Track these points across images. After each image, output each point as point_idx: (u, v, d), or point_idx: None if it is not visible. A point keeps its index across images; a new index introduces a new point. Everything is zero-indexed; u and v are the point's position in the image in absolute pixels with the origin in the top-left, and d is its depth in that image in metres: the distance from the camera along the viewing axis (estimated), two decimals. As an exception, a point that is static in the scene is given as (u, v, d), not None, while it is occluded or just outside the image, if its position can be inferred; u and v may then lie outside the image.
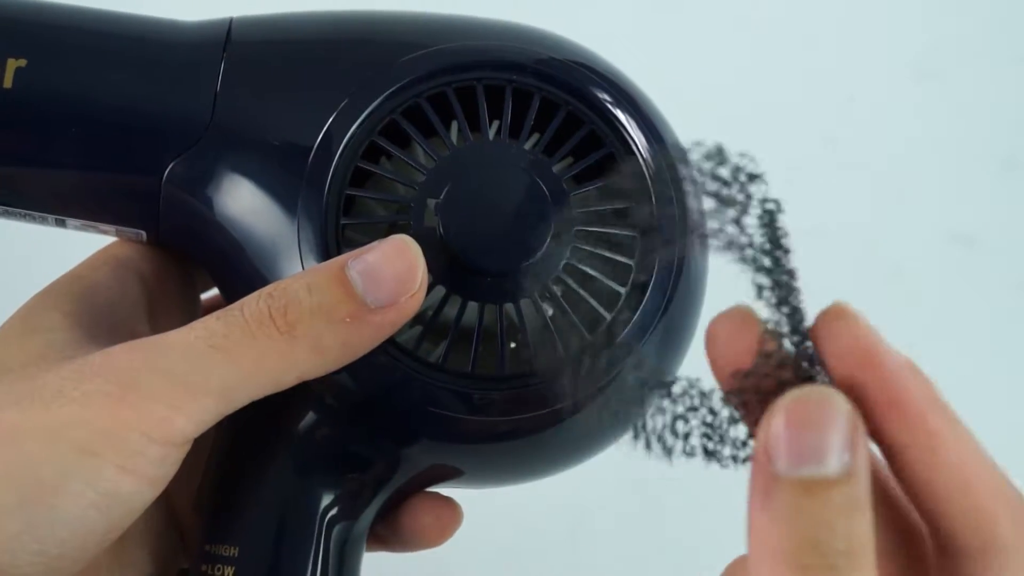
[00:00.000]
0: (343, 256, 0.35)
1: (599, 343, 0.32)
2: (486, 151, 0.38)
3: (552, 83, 0.39)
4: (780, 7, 0.77)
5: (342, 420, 0.39)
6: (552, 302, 0.38)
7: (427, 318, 0.37)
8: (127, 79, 0.38)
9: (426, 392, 0.37)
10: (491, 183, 0.37)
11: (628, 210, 0.38)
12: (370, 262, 0.34)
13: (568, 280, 0.37)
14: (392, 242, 0.35)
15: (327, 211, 0.37)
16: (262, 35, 0.40)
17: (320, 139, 0.38)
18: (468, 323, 0.37)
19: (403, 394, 0.37)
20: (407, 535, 0.43)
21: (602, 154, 0.39)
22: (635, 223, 0.38)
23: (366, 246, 0.35)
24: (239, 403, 0.34)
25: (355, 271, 0.34)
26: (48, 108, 0.38)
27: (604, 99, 0.39)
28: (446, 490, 0.43)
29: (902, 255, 0.72)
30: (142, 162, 0.39)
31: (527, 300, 0.37)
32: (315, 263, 0.36)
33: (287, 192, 0.37)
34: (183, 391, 0.33)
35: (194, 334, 0.34)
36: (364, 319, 0.34)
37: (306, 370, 0.34)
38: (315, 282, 0.34)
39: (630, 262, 0.38)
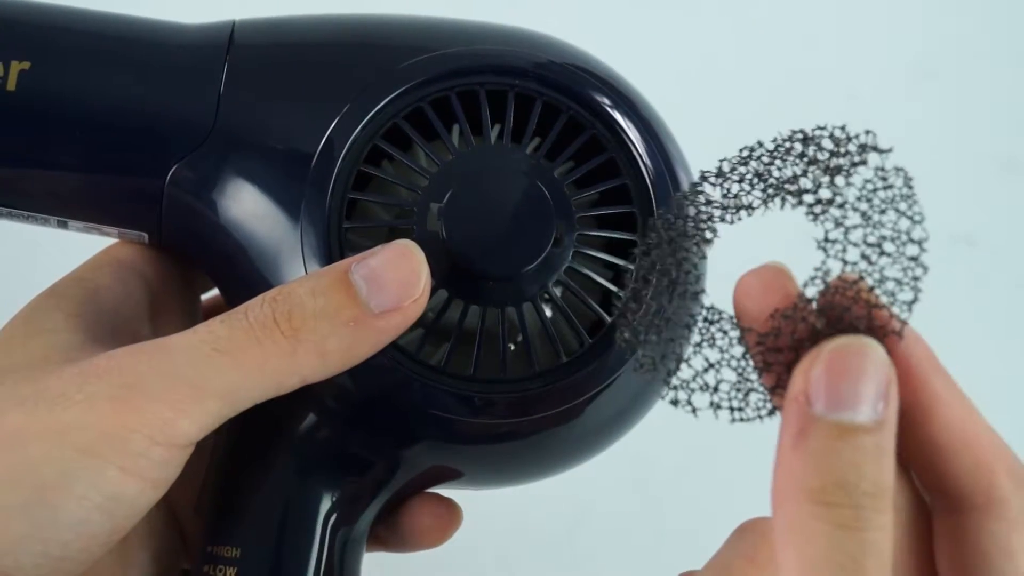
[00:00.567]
0: (346, 260, 0.35)
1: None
2: (488, 156, 0.38)
3: (554, 87, 0.39)
4: (780, 7, 0.77)
5: (343, 422, 0.39)
6: (553, 305, 0.38)
7: (429, 321, 0.38)
8: (130, 82, 0.38)
9: (427, 394, 0.37)
10: (493, 187, 0.37)
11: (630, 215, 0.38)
12: (373, 266, 0.34)
13: (570, 283, 0.37)
14: (395, 246, 0.35)
15: (330, 215, 0.37)
16: (265, 38, 0.40)
17: (323, 143, 0.38)
18: (470, 326, 0.37)
19: (404, 396, 0.37)
20: (407, 536, 0.43)
21: (603, 159, 0.39)
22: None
23: (369, 250, 0.35)
24: (242, 406, 0.34)
25: (358, 275, 0.34)
26: (51, 111, 0.38)
27: (604, 103, 0.39)
28: (446, 491, 0.44)
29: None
30: (145, 165, 0.39)
31: (528, 304, 0.37)
32: (318, 267, 0.37)
33: (290, 195, 0.37)
34: (186, 394, 0.33)
35: (198, 337, 0.34)
36: (367, 323, 0.34)
37: (309, 374, 0.35)
38: (319, 286, 0.34)
39: (630, 265, 0.38)
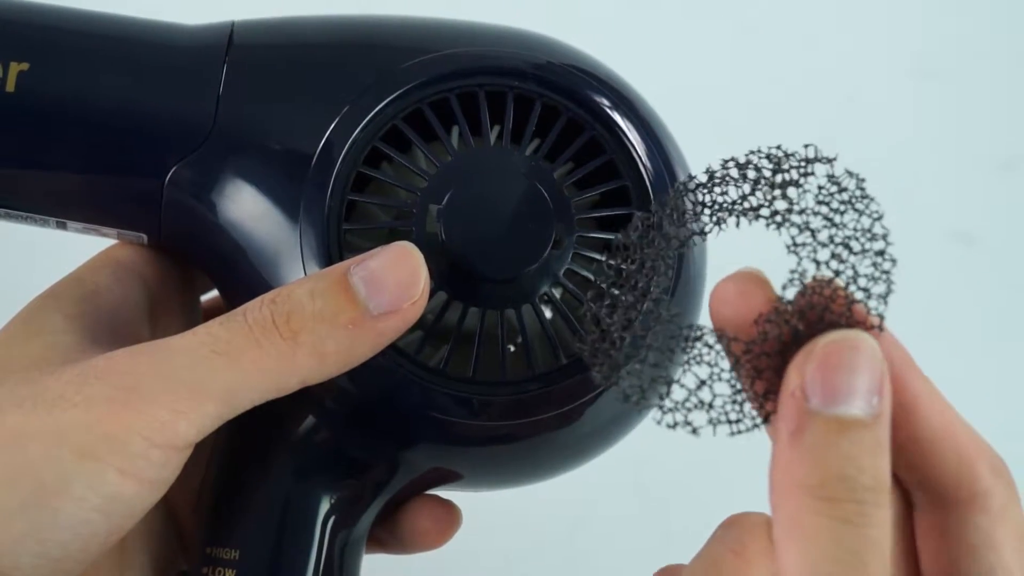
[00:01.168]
0: (346, 262, 0.35)
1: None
2: (488, 157, 0.38)
3: (553, 89, 0.39)
4: (779, 7, 0.77)
5: (342, 423, 0.39)
6: (553, 307, 0.38)
7: (428, 323, 0.37)
8: (129, 83, 0.38)
9: (427, 396, 0.37)
10: (493, 189, 0.37)
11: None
12: (372, 268, 0.34)
13: (569, 285, 0.37)
14: (395, 248, 0.35)
15: (329, 216, 0.37)
16: (264, 39, 0.40)
17: (322, 144, 0.38)
18: (469, 328, 0.37)
19: (404, 398, 0.37)
20: (406, 538, 0.43)
21: (603, 160, 0.39)
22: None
23: (369, 252, 0.35)
24: (241, 408, 0.34)
25: (357, 277, 0.34)
26: (50, 112, 0.38)
27: (604, 104, 0.39)
28: (445, 493, 0.44)
29: (902, 255, 0.71)
30: (144, 166, 0.39)
31: (528, 306, 0.37)
32: (317, 268, 0.37)
33: (290, 197, 0.37)
34: (186, 395, 0.33)
35: (197, 339, 0.34)
36: (366, 325, 0.34)
37: (308, 375, 0.34)
38: (318, 288, 0.34)
39: (631, 267, 0.38)
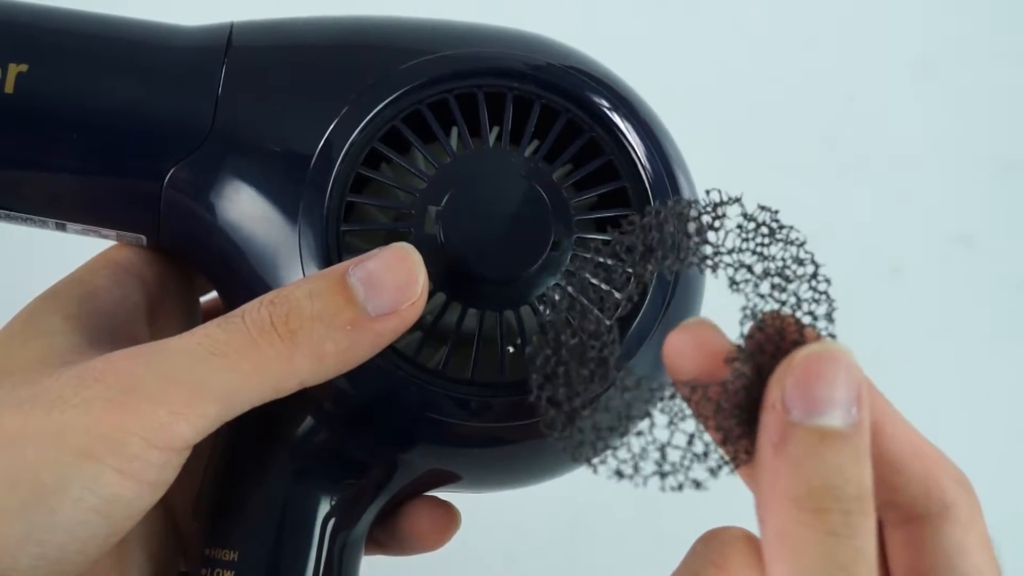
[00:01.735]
0: (344, 263, 0.35)
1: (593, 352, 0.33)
2: (487, 158, 0.38)
3: (552, 90, 0.39)
4: (780, 7, 0.77)
5: (340, 424, 0.39)
6: (551, 309, 0.38)
7: (427, 324, 0.37)
8: (128, 84, 0.38)
9: (425, 398, 0.37)
10: (492, 190, 0.37)
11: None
12: (371, 270, 0.34)
13: (568, 288, 0.37)
14: (393, 250, 0.35)
15: (328, 217, 0.37)
16: (263, 40, 0.40)
17: (321, 145, 0.38)
18: (468, 329, 0.37)
19: (402, 399, 0.37)
20: (405, 539, 0.43)
21: (602, 161, 0.39)
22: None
23: (367, 253, 0.35)
24: (240, 409, 0.34)
25: (356, 278, 0.34)
26: (49, 113, 0.38)
27: (603, 105, 0.39)
28: (444, 494, 0.44)
29: (902, 255, 0.72)
30: (143, 167, 0.39)
31: (527, 307, 0.37)
32: (316, 269, 0.37)
33: (289, 198, 0.37)
34: (184, 397, 0.33)
35: (195, 340, 0.34)
36: (365, 327, 0.34)
37: (306, 377, 0.34)
38: (316, 289, 0.34)
39: (629, 270, 0.38)
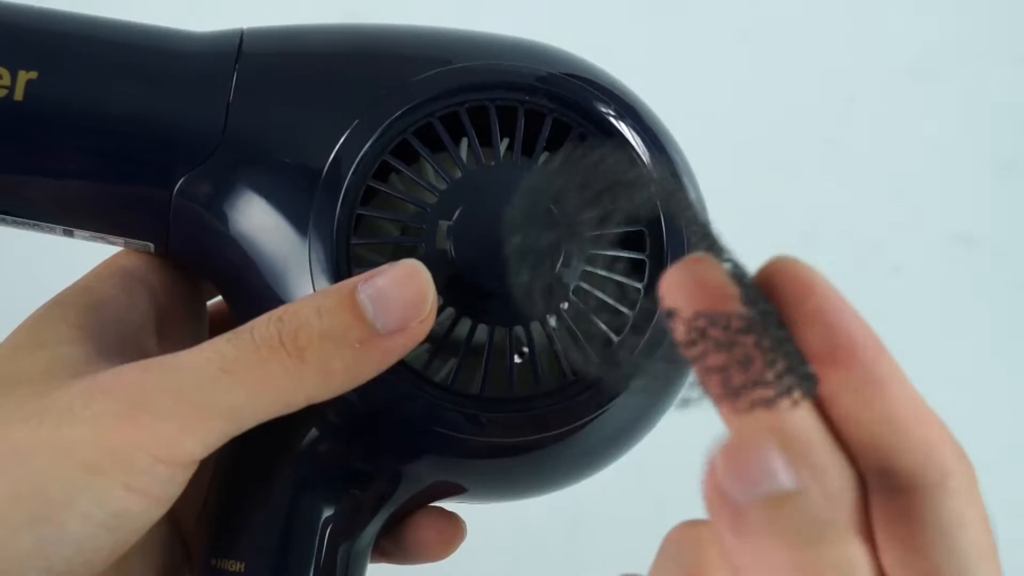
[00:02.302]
0: (353, 279, 0.35)
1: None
2: (498, 173, 0.38)
3: (563, 103, 0.39)
4: (779, 7, 0.77)
5: (346, 437, 0.39)
6: (562, 324, 0.38)
7: (436, 338, 0.37)
8: (138, 91, 0.38)
9: (432, 411, 0.37)
10: (503, 206, 0.37)
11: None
12: (380, 286, 0.34)
13: (578, 303, 0.37)
14: (402, 267, 0.35)
15: (339, 230, 0.37)
16: (274, 47, 0.40)
17: (332, 157, 0.37)
18: (477, 344, 0.37)
19: (408, 413, 0.37)
20: (410, 549, 0.43)
21: None
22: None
23: (376, 269, 0.35)
24: (247, 425, 0.34)
25: (365, 295, 0.34)
26: (59, 120, 0.38)
27: (609, 115, 0.39)
28: (449, 505, 0.44)
29: (902, 255, 0.72)
30: (153, 175, 0.38)
31: (536, 322, 0.37)
32: (326, 282, 0.36)
33: (299, 209, 0.37)
34: (192, 413, 0.33)
35: (204, 356, 0.34)
36: (374, 344, 0.34)
37: (314, 393, 0.34)
38: (325, 306, 0.34)
39: (639, 285, 0.38)
